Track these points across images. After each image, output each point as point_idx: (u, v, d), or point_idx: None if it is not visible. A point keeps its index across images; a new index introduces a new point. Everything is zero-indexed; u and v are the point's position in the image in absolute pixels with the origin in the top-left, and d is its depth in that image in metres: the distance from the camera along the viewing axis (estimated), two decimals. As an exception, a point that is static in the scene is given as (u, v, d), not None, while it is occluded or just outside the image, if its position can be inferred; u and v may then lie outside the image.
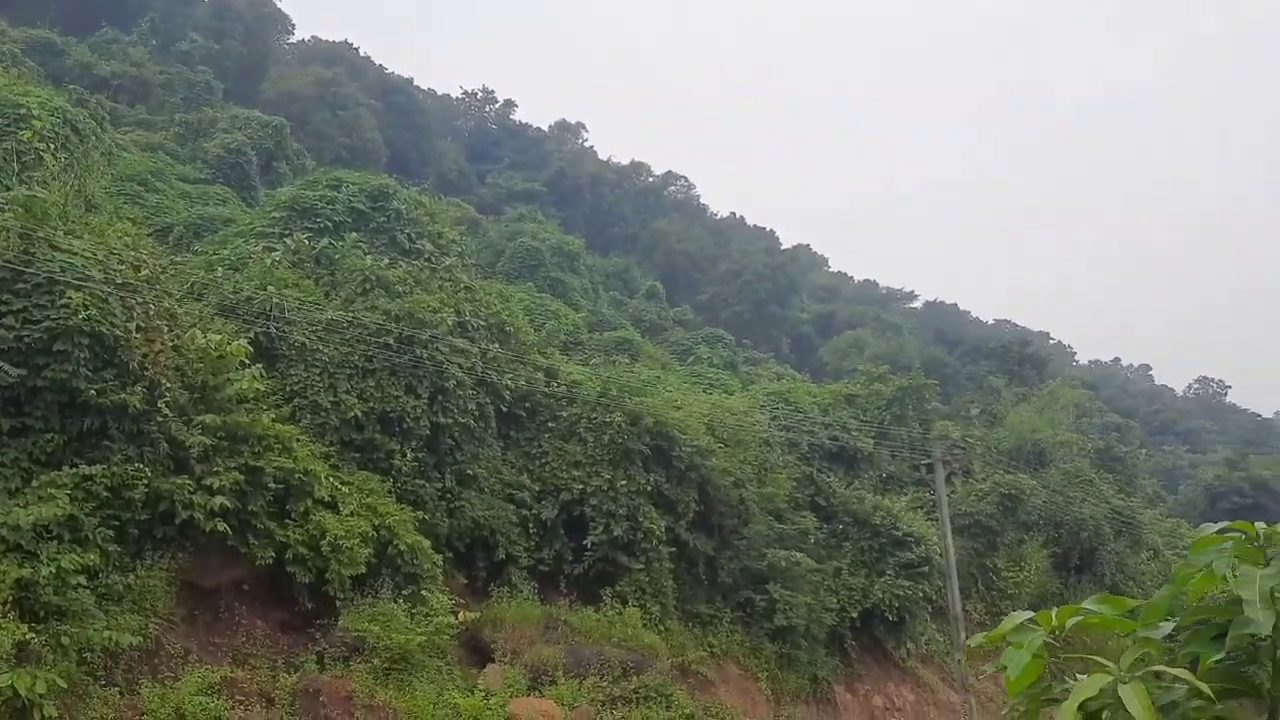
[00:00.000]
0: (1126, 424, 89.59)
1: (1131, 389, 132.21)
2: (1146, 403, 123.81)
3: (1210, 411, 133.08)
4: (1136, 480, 61.81)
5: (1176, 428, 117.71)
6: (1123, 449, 66.42)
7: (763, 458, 28.59)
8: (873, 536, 29.31)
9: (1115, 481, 49.92)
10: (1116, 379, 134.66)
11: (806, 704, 25.43)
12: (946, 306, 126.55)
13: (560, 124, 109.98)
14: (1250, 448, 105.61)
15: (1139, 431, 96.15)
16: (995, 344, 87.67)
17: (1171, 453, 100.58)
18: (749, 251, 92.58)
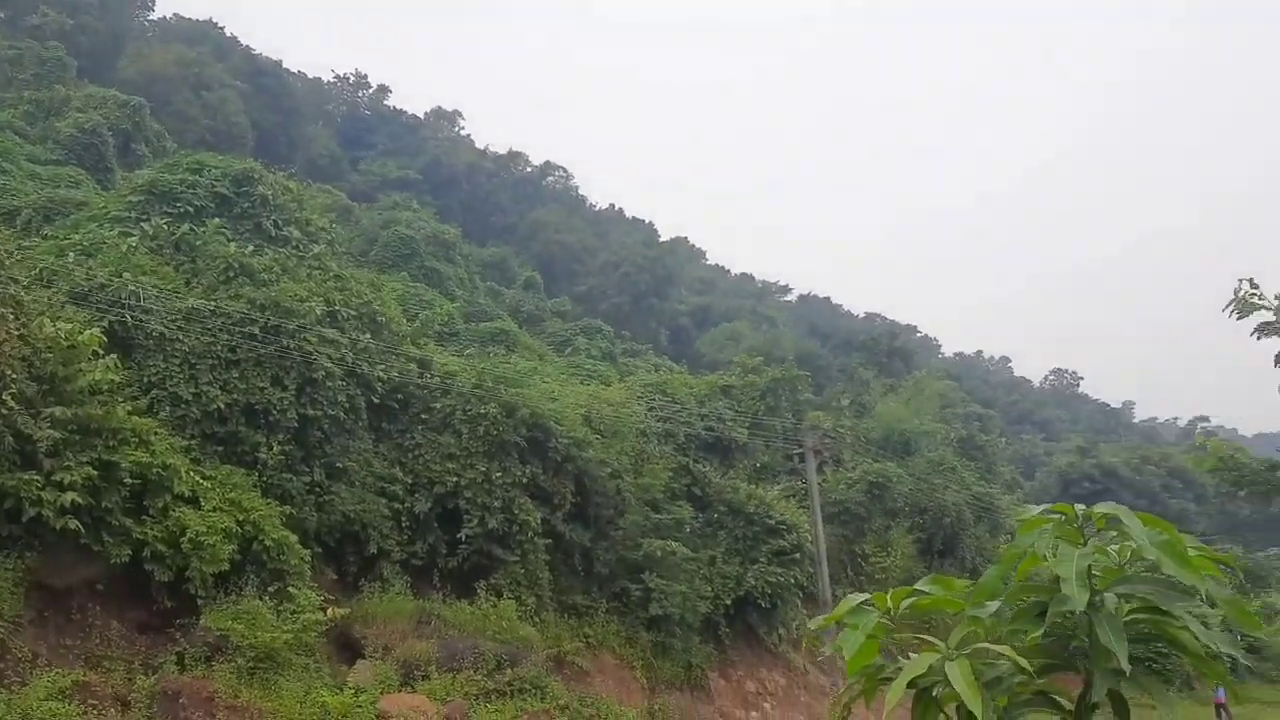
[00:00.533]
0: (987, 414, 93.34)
1: (993, 380, 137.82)
2: (1006, 393, 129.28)
3: (1064, 401, 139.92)
4: (996, 467, 64.42)
5: (1033, 417, 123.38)
6: (983, 438, 69.20)
7: (639, 448, 28.75)
8: (747, 525, 29.81)
9: (976, 469, 51.99)
10: (979, 370, 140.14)
11: (681, 691, 25.74)
12: (820, 300, 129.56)
13: (436, 111, 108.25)
14: (1100, 436, 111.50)
15: (999, 421, 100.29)
16: (866, 337, 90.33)
17: (1029, 441, 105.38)
18: (627, 243, 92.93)
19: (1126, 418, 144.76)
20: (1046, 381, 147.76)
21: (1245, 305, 12.57)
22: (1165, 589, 2.83)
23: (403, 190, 77.52)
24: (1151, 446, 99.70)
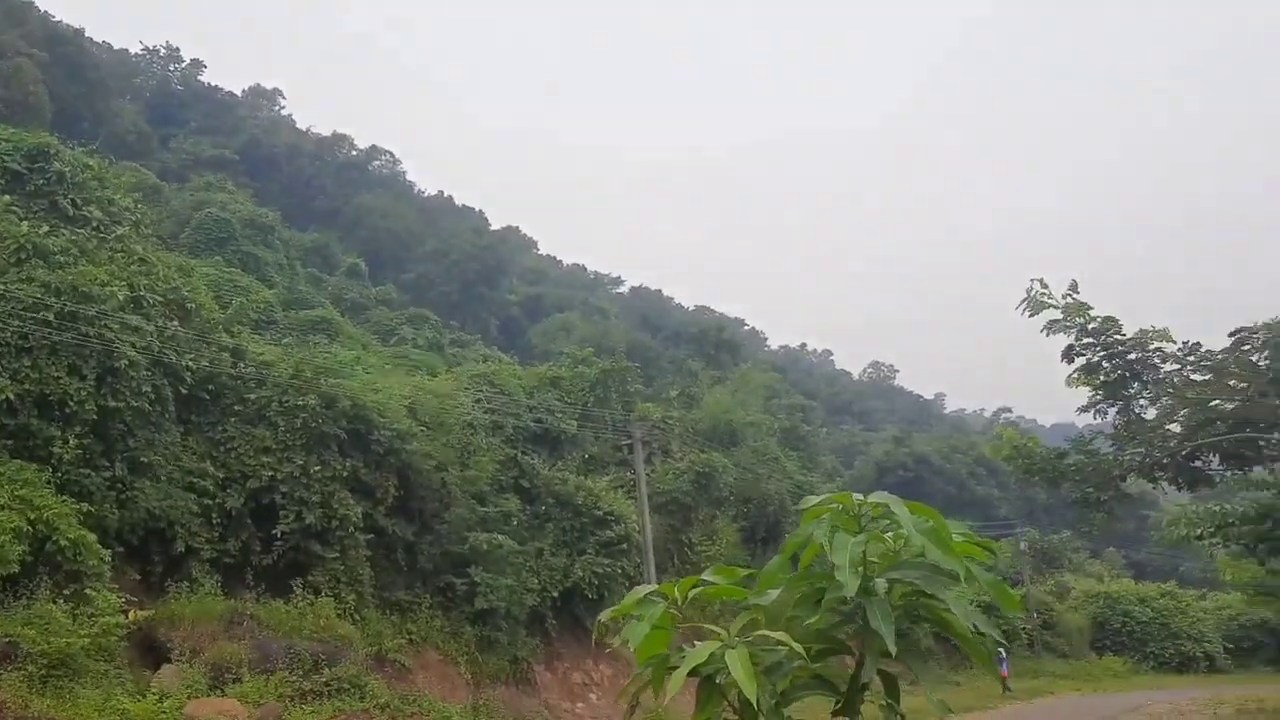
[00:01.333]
0: (810, 405, 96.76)
1: (816, 372, 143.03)
2: (828, 385, 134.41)
3: (882, 393, 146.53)
4: (817, 457, 66.85)
5: (853, 408, 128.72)
6: (806, 428, 71.66)
7: (466, 440, 28.37)
8: (575, 516, 29.91)
9: (799, 458, 53.82)
10: (803, 363, 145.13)
11: (506, 685, 25.58)
12: (651, 292, 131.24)
13: (255, 89, 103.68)
14: (914, 426, 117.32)
15: (821, 412, 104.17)
16: (695, 329, 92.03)
17: (848, 431, 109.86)
18: (457, 231, 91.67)
19: (938, 409, 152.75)
20: (865, 374, 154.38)
21: (1036, 304, 13.44)
22: (931, 574, 2.96)
23: (217, 170, 73.96)
24: (960, 436, 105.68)
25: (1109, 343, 13.87)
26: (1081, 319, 13.72)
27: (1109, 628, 51.91)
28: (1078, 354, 14.06)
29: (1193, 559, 56.67)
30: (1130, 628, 51.69)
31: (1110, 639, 51.47)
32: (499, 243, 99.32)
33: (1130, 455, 15.14)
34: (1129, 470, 15.25)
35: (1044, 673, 43.40)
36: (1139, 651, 50.75)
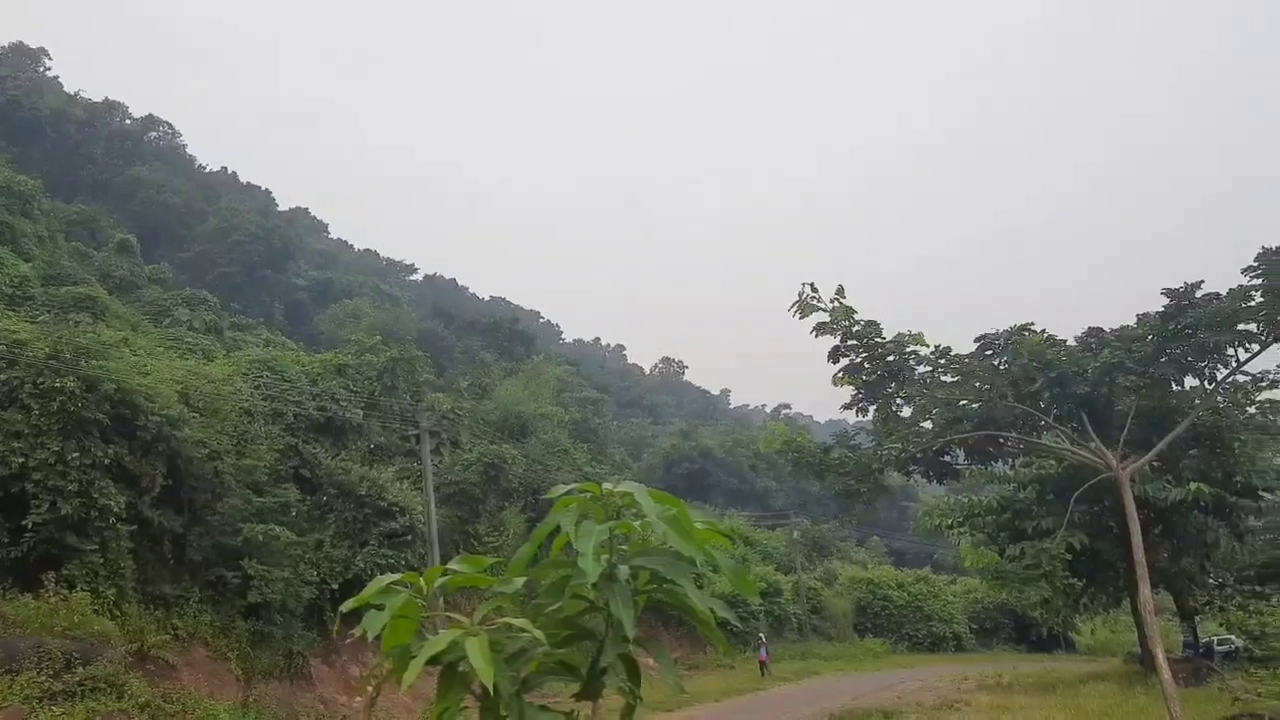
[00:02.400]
0: (602, 398, 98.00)
1: (608, 366, 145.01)
2: (620, 379, 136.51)
3: (671, 388, 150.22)
4: (607, 449, 67.83)
5: (644, 402, 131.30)
6: (597, 420, 72.61)
7: (243, 428, 27.22)
8: (358, 507, 29.25)
9: (589, 450, 54.47)
10: (596, 357, 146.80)
11: (280, 681, 24.75)
12: (445, 281, 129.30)
13: (17, 47, 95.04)
14: (701, 421, 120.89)
15: (612, 405, 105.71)
16: (489, 320, 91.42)
17: (638, 424, 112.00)
18: (242, 210, 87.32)
19: (724, 404, 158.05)
20: (656, 369, 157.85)
21: (806, 307, 14.25)
22: (673, 560, 3.20)
23: (-32, 132, 67.55)
24: (743, 431, 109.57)
25: (870, 345, 14.87)
26: (847, 322, 14.64)
27: (870, 611, 55.32)
28: (842, 354, 15.02)
29: (946, 547, 61.05)
30: (889, 611, 55.27)
31: (871, 622, 54.85)
32: (286, 224, 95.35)
33: (888, 450, 16.27)
34: (886, 464, 16.39)
35: (811, 654, 45.78)
36: (896, 633, 54.34)
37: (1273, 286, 13.63)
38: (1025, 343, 14.97)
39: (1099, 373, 15.02)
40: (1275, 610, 25.83)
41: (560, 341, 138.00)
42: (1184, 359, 15.12)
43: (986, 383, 15.44)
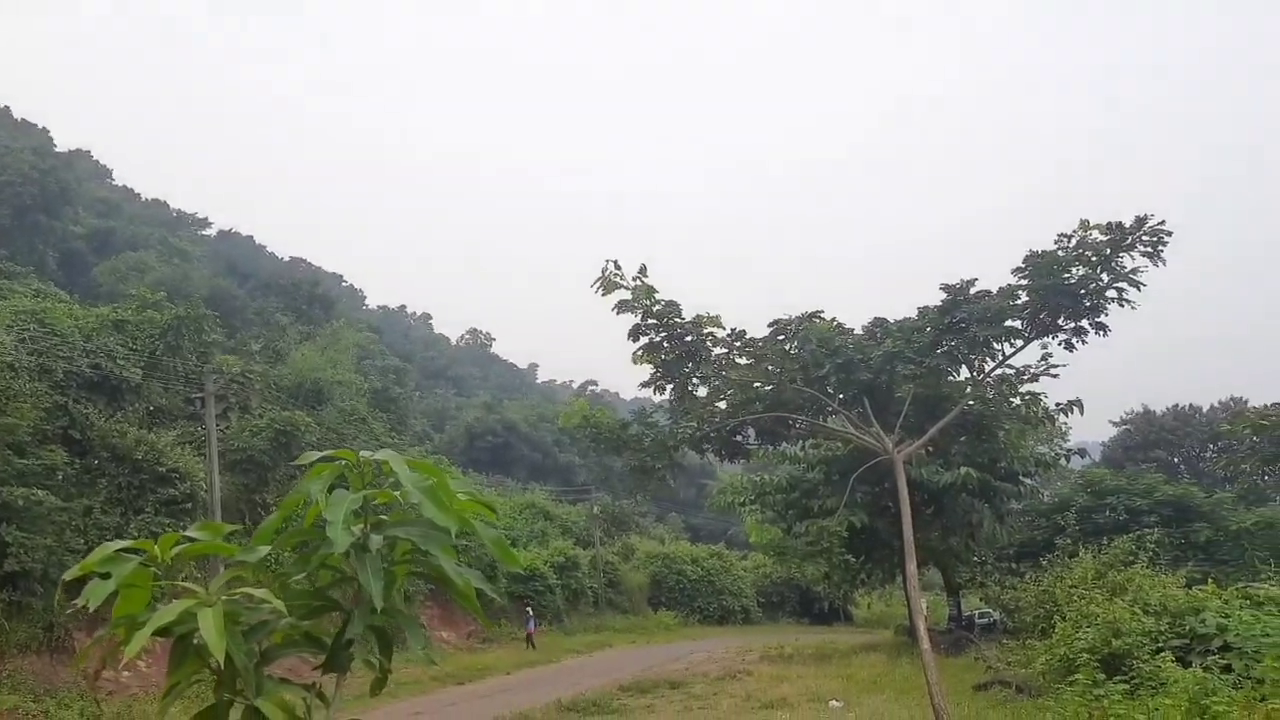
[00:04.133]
0: (405, 367, 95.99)
1: (413, 335, 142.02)
2: (425, 349, 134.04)
3: (478, 360, 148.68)
4: (408, 420, 66.48)
5: (449, 373, 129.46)
6: (399, 390, 70.98)
7: (5, 384, 25.12)
8: (133, 473, 27.56)
9: (389, 420, 53.19)
10: (401, 325, 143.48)
11: (39, 654, 23.11)
12: (242, 238, 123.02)
13: None
14: (507, 394, 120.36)
15: (416, 375, 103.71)
16: (287, 281, 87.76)
17: (442, 396, 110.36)
18: (14, 149, 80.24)
19: (531, 378, 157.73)
20: (463, 340, 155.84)
21: (609, 284, 14.34)
22: (428, 531, 3.12)
23: None
24: (549, 405, 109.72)
25: (670, 325, 15.14)
26: (648, 301, 14.84)
27: (665, 585, 56.68)
28: (642, 333, 15.22)
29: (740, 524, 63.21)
30: (683, 585, 56.80)
31: (666, 595, 56.23)
32: (64, 166, 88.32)
33: (683, 428, 16.63)
34: (681, 442, 16.75)
35: (606, 627, 46.52)
36: (689, 606, 55.92)
37: (1037, 287, 14.71)
38: (815, 329, 15.60)
39: (881, 361, 15.83)
40: (1028, 586, 28.02)
41: (363, 308, 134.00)
42: (957, 351, 16.12)
43: (778, 366, 16.00)
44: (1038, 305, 14.97)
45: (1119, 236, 14.11)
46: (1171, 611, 16.43)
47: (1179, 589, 18.96)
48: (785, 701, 20.88)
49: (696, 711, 20.26)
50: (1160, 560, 26.98)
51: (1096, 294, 14.57)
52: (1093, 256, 14.27)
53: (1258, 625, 14.44)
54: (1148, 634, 15.50)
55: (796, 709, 19.81)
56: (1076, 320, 15.06)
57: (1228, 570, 31.54)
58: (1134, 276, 14.31)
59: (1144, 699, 12.33)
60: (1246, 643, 14.01)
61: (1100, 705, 11.99)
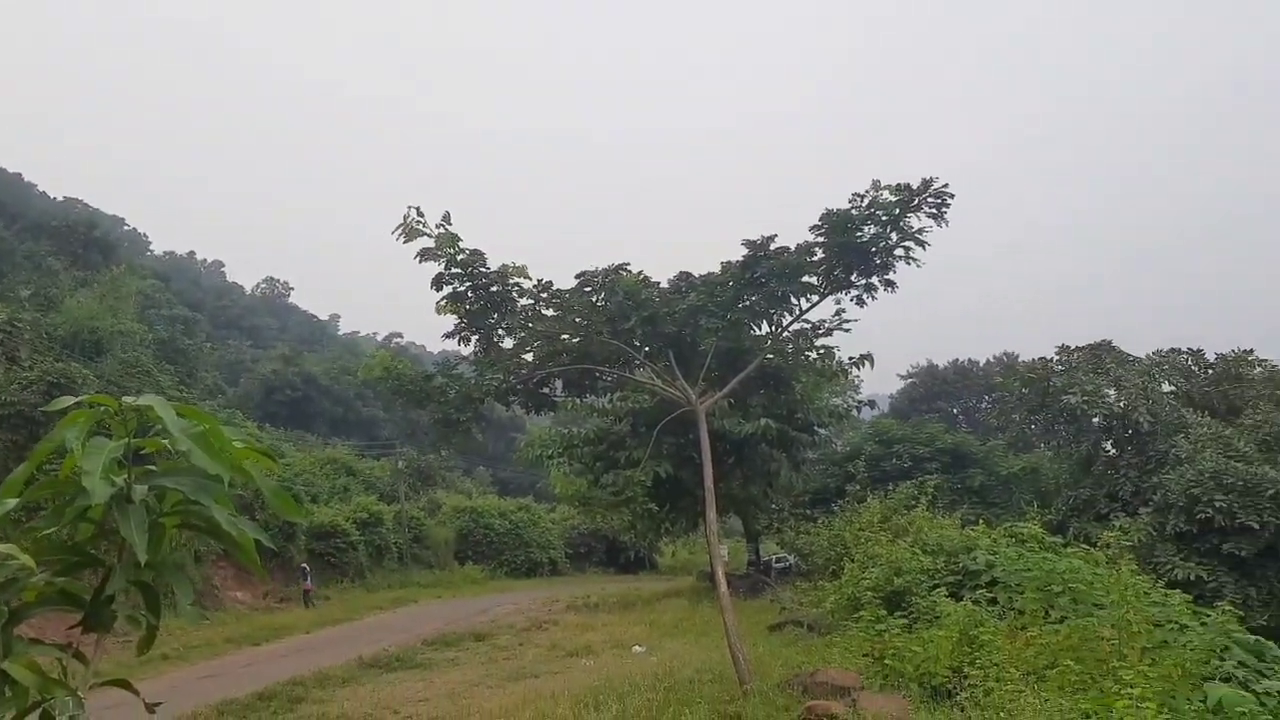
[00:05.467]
0: (195, 317, 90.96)
1: (204, 283, 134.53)
2: (217, 298, 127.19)
3: (275, 310, 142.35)
4: (198, 372, 63.05)
5: (243, 323, 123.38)
6: (188, 341, 67.24)
7: None
8: (-122, 430, 24.99)
9: (177, 373, 50.32)
10: (190, 272, 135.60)
11: None
12: (8, 175, 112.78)
13: None
14: (306, 346, 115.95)
15: (207, 325, 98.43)
16: (60, 223, 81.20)
17: (236, 347, 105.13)
18: None
19: (333, 329, 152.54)
20: (259, 289, 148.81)
21: (411, 231, 13.92)
22: (199, 480, 2.92)
23: None
24: (352, 358, 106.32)
25: (475, 274, 14.85)
26: (452, 250, 14.50)
27: (472, 539, 56.38)
28: (446, 282, 14.88)
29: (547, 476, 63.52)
30: (490, 539, 56.66)
31: (473, 549, 55.95)
32: None
33: (489, 380, 16.41)
34: (487, 394, 16.53)
35: (411, 583, 45.90)
36: (496, 559, 55.88)
37: (832, 244, 15.26)
38: (622, 281, 15.65)
39: (686, 314, 16.08)
40: (821, 530, 29.47)
41: (148, 253, 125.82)
42: (758, 306, 16.55)
43: (585, 318, 16.00)
44: (833, 262, 15.54)
45: (907, 198, 14.77)
46: (947, 551, 17.64)
47: (954, 530, 20.37)
48: (590, 649, 21.22)
49: (502, 662, 20.32)
50: (939, 504, 28.88)
51: (886, 252, 15.24)
52: (883, 216, 14.89)
53: (1020, 561, 15.69)
54: (926, 572, 16.57)
55: (600, 655, 20.17)
56: (868, 277, 15.73)
57: (997, 512, 34.14)
58: (919, 236, 15.05)
59: (921, 631, 13.19)
60: (1010, 577, 15.21)
61: (882, 638, 12.75)
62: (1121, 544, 16.46)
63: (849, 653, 13.73)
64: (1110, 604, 12.56)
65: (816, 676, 11.80)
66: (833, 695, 10.88)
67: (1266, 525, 26.66)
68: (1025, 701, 8.98)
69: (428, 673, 19.48)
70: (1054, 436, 38.55)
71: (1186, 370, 37.77)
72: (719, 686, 13.18)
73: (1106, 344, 38.55)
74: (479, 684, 17.35)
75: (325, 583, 40.62)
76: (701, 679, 14.01)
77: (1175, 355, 38.35)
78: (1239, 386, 36.17)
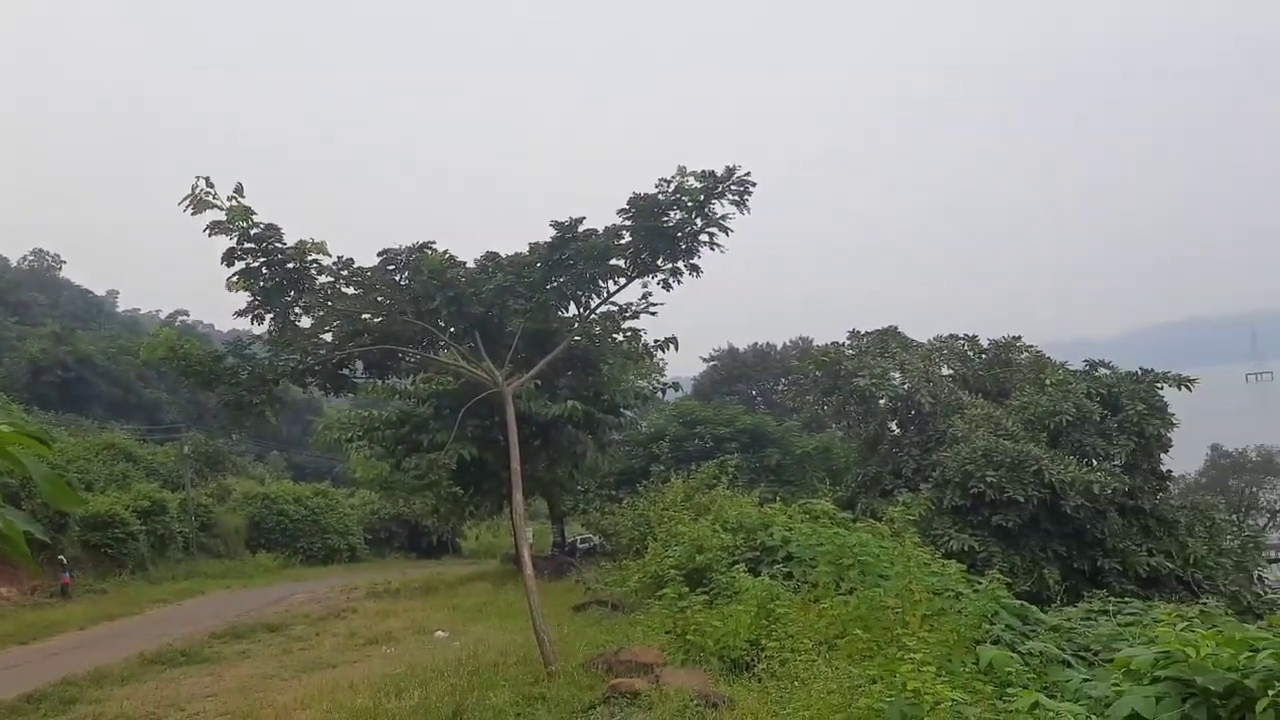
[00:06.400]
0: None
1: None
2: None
3: (44, 284, 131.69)
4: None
5: (8, 298, 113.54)
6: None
7: None
8: None
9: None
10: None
11: None
12: None
13: None
14: (80, 324, 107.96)
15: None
16: None
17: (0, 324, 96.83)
18: None
19: (110, 306, 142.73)
20: (26, 262, 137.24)
21: (200, 203, 13.11)
22: (-48, 468, 2.64)
23: None
24: (133, 337, 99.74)
25: (270, 250, 14.14)
26: (245, 223, 13.75)
27: (265, 526, 54.14)
28: (239, 257, 14.10)
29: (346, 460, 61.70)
30: (285, 525, 54.55)
31: (266, 537, 53.74)
32: None
33: (285, 361, 15.71)
34: (282, 375, 15.82)
35: (198, 573, 43.63)
36: (291, 547, 53.87)
37: (639, 228, 15.41)
38: (427, 260, 15.29)
39: (493, 295, 15.88)
40: (625, 511, 29.87)
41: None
42: (566, 288, 16.55)
43: (387, 297, 15.55)
44: (639, 246, 15.70)
45: (712, 184, 15.08)
46: (746, 528, 18.21)
47: (753, 508, 21.05)
48: (391, 636, 20.78)
49: (297, 653, 19.61)
50: (739, 482, 29.79)
51: (691, 237, 15.53)
52: (689, 202, 15.16)
53: (814, 537, 16.38)
54: (726, 549, 17.05)
55: (402, 642, 19.78)
56: (674, 261, 15.98)
57: (793, 489, 35.57)
58: (723, 222, 15.42)
59: (721, 607, 13.56)
60: (805, 552, 15.86)
61: (684, 615, 13.03)
62: (905, 518, 17.47)
63: (652, 630, 13.96)
64: (895, 575, 13.29)
65: (620, 655, 11.95)
66: (636, 672, 11.05)
67: (1030, 499, 28.86)
68: (818, 670, 9.36)
69: (216, 667, 18.58)
70: (845, 417, 40.38)
71: (963, 355, 40.34)
72: (524, 669, 13.16)
73: (893, 330, 40.71)
74: (272, 676, 16.69)
75: (102, 575, 38.05)
76: (506, 662, 13.96)
77: (954, 341, 40.88)
78: (1008, 371, 38.96)
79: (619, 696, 10.26)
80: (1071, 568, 28.99)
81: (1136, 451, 32.17)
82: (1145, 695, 6.99)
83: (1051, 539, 29.32)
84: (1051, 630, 13.62)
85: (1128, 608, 16.39)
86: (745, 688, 10.40)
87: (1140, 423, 32.39)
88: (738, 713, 9.21)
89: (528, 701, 11.26)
